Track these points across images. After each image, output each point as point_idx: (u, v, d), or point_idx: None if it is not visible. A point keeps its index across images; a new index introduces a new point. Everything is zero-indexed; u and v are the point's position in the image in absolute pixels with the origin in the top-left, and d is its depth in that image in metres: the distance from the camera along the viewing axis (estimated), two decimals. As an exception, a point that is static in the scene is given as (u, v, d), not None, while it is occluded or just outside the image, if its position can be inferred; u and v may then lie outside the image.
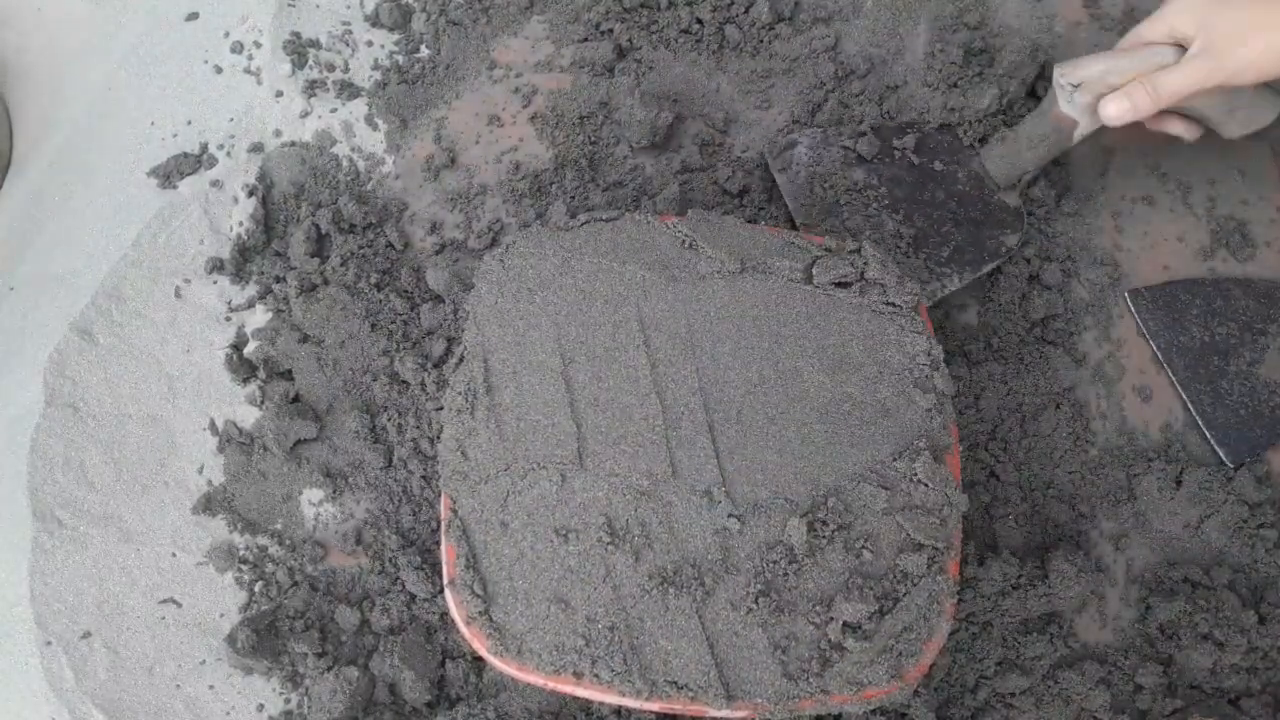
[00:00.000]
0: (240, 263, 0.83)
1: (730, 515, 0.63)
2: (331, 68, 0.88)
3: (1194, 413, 0.78)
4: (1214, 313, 0.81)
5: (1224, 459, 0.77)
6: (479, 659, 0.72)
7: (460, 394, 0.66)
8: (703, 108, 0.87)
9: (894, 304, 0.69)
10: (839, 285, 0.69)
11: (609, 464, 0.64)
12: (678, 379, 0.66)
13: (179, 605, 0.74)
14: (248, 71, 0.88)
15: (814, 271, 0.69)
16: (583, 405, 0.65)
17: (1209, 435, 0.78)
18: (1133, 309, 0.81)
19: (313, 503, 0.77)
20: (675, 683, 0.60)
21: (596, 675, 0.60)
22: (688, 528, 0.63)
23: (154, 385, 0.80)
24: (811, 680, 0.60)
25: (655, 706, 0.60)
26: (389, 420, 0.78)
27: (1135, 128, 0.76)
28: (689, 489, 0.63)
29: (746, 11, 0.89)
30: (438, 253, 0.83)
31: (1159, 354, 0.80)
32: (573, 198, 0.83)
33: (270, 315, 0.82)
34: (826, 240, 0.72)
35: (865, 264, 0.70)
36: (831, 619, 0.61)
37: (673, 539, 0.62)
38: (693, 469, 0.64)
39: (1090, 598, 0.74)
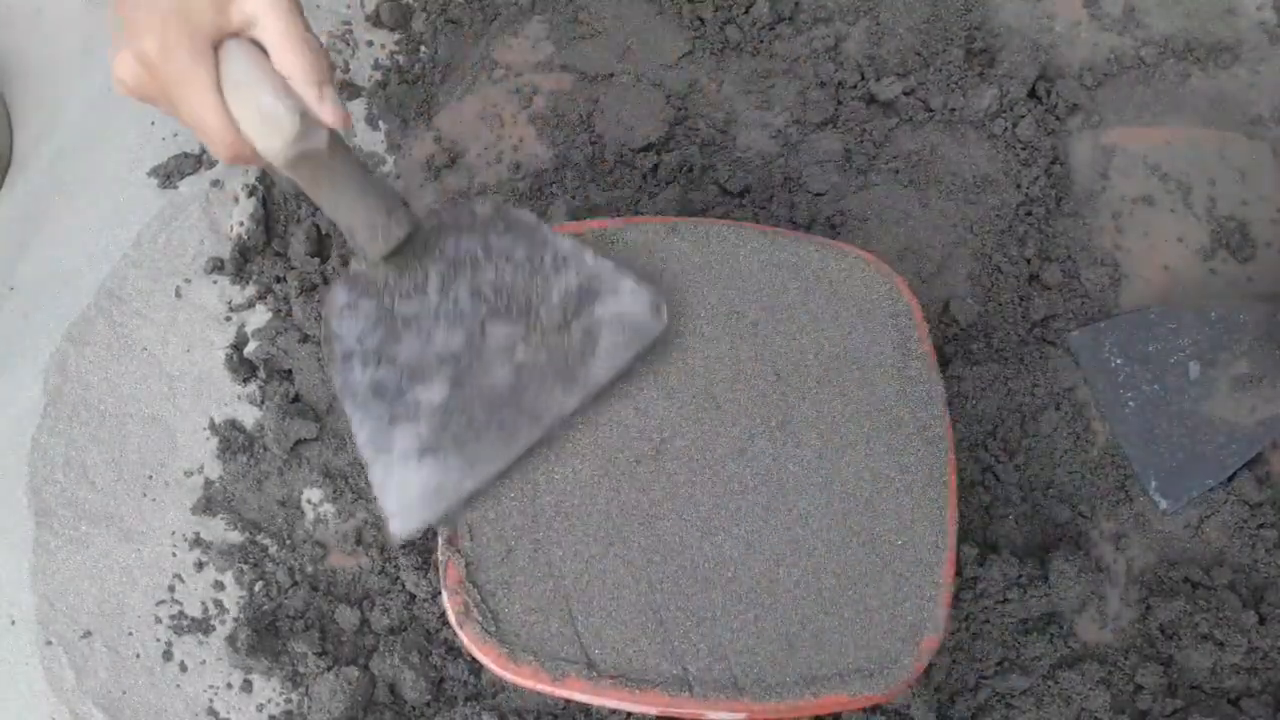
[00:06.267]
0: (240, 263, 0.83)
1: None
2: (331, 68, 0.88)
3: (1130, 459, 0.76)
4: (1163, 343, 0.78)
5: (1162, 505, 0.75)
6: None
7: None
8: (703, 108, 0.87)
9: None
10: None
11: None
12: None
13: (180, 605, 0.75)
14: (248, 71, 0.88)
15: None
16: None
17: (1144, 482, 0.76)
18: (1074, 353, 0.79)
19: (313, 503, 0.77)
20: (670, 681, 0.60)
21: (594, 679, 0.60)
22: (683, 543, 0.63)
23: (154, 385, 0.80)
24: (810, 682, 0.60)
25: (654, 709, 0.60)
26: (389, 420, 0.78)
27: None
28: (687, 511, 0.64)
29: (747, 11, 0.89)
30: (438, 253, 0.83)
31: (1095, 398, 0.78)
32: (573, 198, 0.83)
33: (270, 315, 0.82)
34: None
35: None
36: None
37: (669, 551, 0.62)
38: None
39: (1090, 598, 0.74)
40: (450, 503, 0.59)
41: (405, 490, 0.58)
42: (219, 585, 0.75)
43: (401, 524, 0.58)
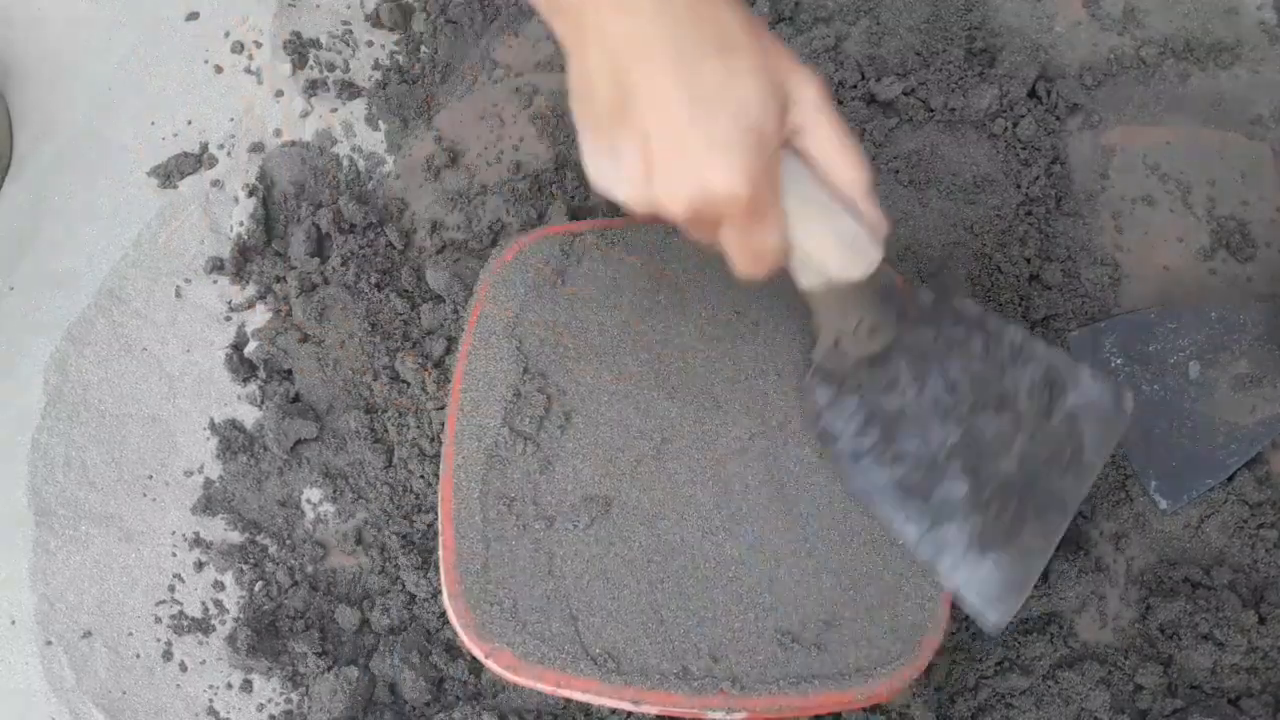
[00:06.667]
0: (240, 263, 0.83)
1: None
2: (331, 68, 0.88)
3: (1130, 459, 0.76)
4: (1163, 343, 0.78)
5: (1162, 505, 0.75)
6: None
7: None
8: (703, 108, 0.87)
9: None
10: None
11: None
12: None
13: (180, 605, 0.75)
14: (248, 71, 0.88)
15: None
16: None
17: (1144, 482, 0.75)
18: (1074, 353, 0.79)
19: (313, 503, 0.77)
20: (670, 681, 0.60)
21: (595, 679, 0.60)
22: (684, 543, 0.63)
23: (154, 385, 0.80)
24: (810, 681, 0.60)
25: (655, 709, 0.60)
26: (389, 420, 0.78)
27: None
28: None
29: (746, 11, 0.89)
30: (438, 252, 0.83)
31: None
32: (572, 198, 0.83)
33: (270, 315, 0.82)
34: None
35: None
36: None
37: (670, 550, 0.63)
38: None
39: (1090, 598, 0.74)
40: (1026, 591, 0.61)
41: (986, 586, 0.60)
42: (219, 585, 0.75)
43: (999, 616, 0.60)
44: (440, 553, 0.63)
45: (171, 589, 0.75)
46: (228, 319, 0.82)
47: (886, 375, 0.63)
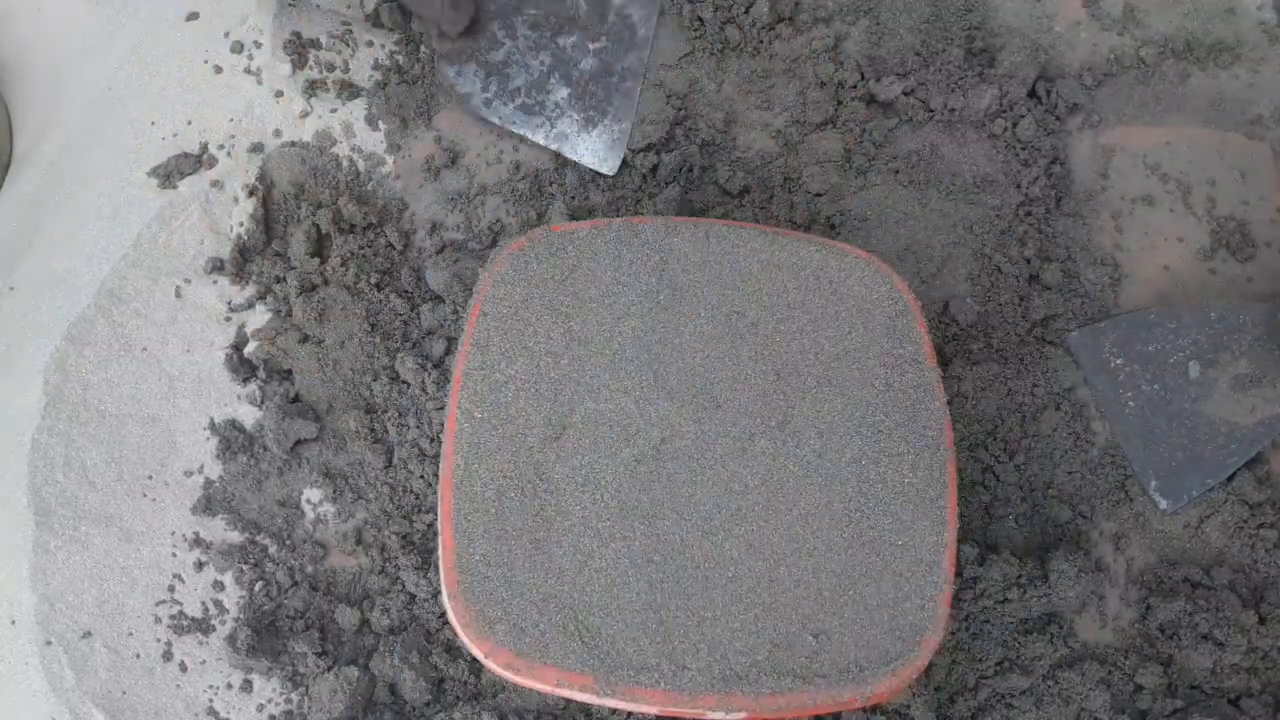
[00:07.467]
0: (240, 263, 0.83)
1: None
2: (331, 68, 0.88)
3: (1130, 459, 0.76)
4: (1163, 343, 0.78)
5: (1161, 503, 0.75)
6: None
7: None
8: (703, 108, 0.87)
9: None
10: None
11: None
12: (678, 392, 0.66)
13: (180, 605, 0.75)
14: (248, 71, 0.88)
15: None
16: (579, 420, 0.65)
17: (1144, 482, 0.76)
18: (1074, 353, 0.79)
19: (313, 503, 0.77)
20: (670, 681, 0.60)
21: (595, 678, 0.60)
22: (684, 543, 0.63)
23: (154, 385, 0.80)
24: (810, 681, 0.60)
25: (655, 709, 0.60)
26: (389, 420, 0.78)
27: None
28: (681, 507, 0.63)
29: (747, 11, 0.89)
30: (438, 253, 0.83)
31: (1095, 398, 0.79)
32: (573, 198, 0.83)
33: (270, 315, 0.82)
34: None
35: None
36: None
37: (669, 550, 0.62)
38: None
39: (1090, 598, 0.74)
40: (625, 141, 0.84)
41: (597, 149, 0.84)
42: (219, 585, 0.75)
43: (611, 166, 0.84)
44: (440, 553, 0.62)
45: (171, 589, 0.75)
46: (228, 319, 0.82)
47: (486, 38, 0.86)
